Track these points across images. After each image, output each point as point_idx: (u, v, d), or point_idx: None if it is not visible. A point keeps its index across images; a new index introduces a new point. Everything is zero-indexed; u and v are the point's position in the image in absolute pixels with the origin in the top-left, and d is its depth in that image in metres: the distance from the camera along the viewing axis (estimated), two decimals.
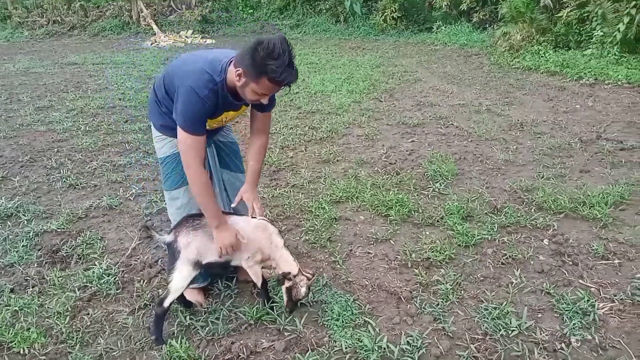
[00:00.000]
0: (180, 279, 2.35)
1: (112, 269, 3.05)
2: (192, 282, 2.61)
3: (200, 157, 2.29)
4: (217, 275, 2.88)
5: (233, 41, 14.24)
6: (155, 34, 14.91)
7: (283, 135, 5.64)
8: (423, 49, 11.84)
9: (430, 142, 5.35)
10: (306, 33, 15.32)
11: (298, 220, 3.69)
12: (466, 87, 7.77)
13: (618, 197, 3.75)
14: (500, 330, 2.44)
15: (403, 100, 7.18)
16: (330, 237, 3.42)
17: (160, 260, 3.15)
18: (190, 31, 15.32)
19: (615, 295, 2.68)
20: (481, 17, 12.53)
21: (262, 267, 2.58)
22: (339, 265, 3.08)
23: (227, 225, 2.37)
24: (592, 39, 8.61)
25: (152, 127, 2.62)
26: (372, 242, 3.36)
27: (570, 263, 3.01)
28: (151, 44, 13.89)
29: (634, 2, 7.78)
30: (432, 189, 4.12)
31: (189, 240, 2.37)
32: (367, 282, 2.90)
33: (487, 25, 12.38)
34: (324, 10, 16.09)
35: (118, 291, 2.86)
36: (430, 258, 3.11)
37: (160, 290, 2.83)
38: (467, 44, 11.82)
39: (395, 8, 14.41)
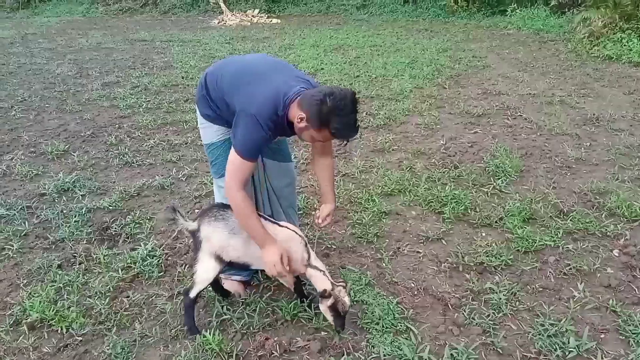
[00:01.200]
0: (204, 270, 2.29)
1: (156, 250, 3.06)
2: (232, 273, 2.57)
3: (245, 181, 2.23)
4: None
5: (299, 21, 14.14)
6: (222, 12, 15.06)
7: None
8: (495, 34, 11.23)
9: (494, 134, 5.04)
10: (372, 14, 14.95)
11: (346, 212, 3.57)
12: (539, 76, 7.27)
13: None
14: (556, 350, 2.21)
15: (469, 87, 6.82)
16: (377, 233, 3.27)
17: None
18: (257, 10, 15.37)
19: None
20: (560, 0, 11.71)
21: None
22: (384, 264, 2.93)
23: (272, 246, 2.23)
24: None
25: (198, 113, 2.55)
26: (422, 241, 3.18)
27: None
28: (218, 23, 14.06)
29: None
30: (492, 186, 3.86)
31: (211, 232, 2.29)
32: (413, 285, 2.74)
33: (566, 10, 11.55)
34: None
35: (160, 274, 2.86)
36: (484, 263, 2.90)
37: None
38: (543, 29, 11.08)
39: None
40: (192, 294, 2.32)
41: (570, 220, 3.29)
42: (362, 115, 5.65)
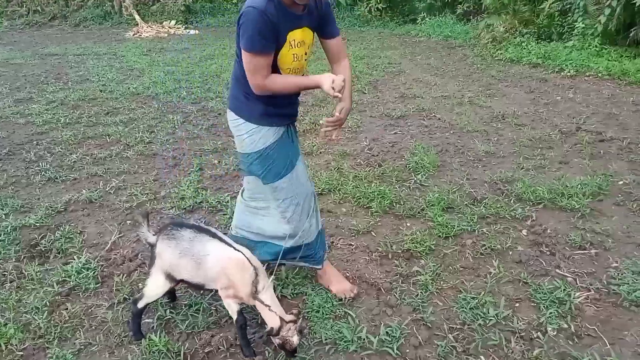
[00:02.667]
0: (155, 286, 2.30)
1: (91, 263, 3.03)
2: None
3: (268, 75, 2.20)
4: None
5: (217, 32, 14.09)
6: (137, 24, 14.70)
7: None
8: (407, 41, 11.83)
9: (413, 134, 5.38)
10: None
11: None
12: (449, 79, 7.80)
13: (596, 188, 3.81)
14: (478, 319, 2.47)
15: (387, 92, 7.19)
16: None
17: (140, 254, 3.13)
18: (173, 21, 15.14)
19: (592, 285, 2.73)
20: (465, 8, 12.56)
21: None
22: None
23: (324, 76, 2.19)
24: (573, 30, 8.67)
25: (233, 117, 2.43)
26: (353, 234, 3.38)
27: (548, 253, 3.06)
28: (134, 35, 13.70)
29: None
30: (413, 180, 4.15)
31: (163, 249, 2.27)
32: (348, 274, 2.92)
33: (471, 17, 12.42)
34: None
35: (97, 285, 2.84)
36: (410, 249, 3.13)
37: (140, 284, 2.82)
38: (451, 35, 11.83)
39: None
40: (140, 305, 2.33)
41: (484, 206, 3.62)
42: None
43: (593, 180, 3.91)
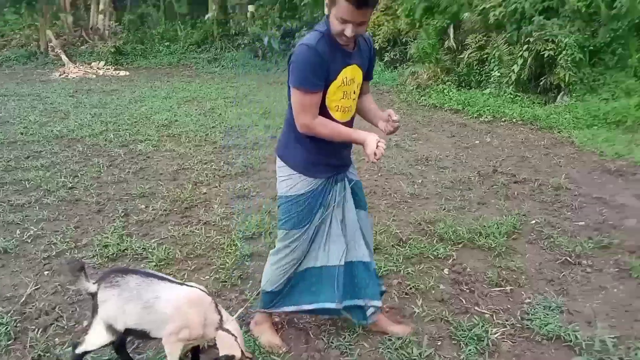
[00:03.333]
0: (95, 335, 2.22)
1: (4, 317, 2.84)
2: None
3: (315, 112, 2.22)
4: None
5: (149, 73, 13.96)
6: (64, 64, 14.29)
7: (196, 171, 5.58)
8: None
9: None
10: (224, 67, 15.32)
11: (209, 259, 3.65)
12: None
13: (511, 227, 4.06)
14: (402, 357, 2.54)
15: None
16: (241, 275, 3.41)
17: (57, 307, 2.98)
18: (102, 62, 14.85)
19: (507, 320, 2.88)
20: (392, 56, 13.23)
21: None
22: (249, 304, 3.07)
23: (362, 133, 2.25)
24: (490, 79, 9.35)
25: (280, 162, 2.49)
26: None
27: (468, 291, 3.21)
28: (60, 75, 13.28)
29: (526, 46, 8.58)
30: None
31: (107, 297, 2.19)
32: (277, 319, 2.91)
33: (398, 65, 13.08)
34: (243, 46, 16.24)
35: (10, 342, 2.66)
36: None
37: (56, 338, 2.68)
38: (380, 82, 12.36)
39: None
40: (78, 351, 2.24)
41: (408, 247, 3.76)
42: (220, 164, 5.82)
43: (508, 219, 4.18)
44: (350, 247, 2.56)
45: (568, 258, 3.58)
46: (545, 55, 8.17)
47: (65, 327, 2.83)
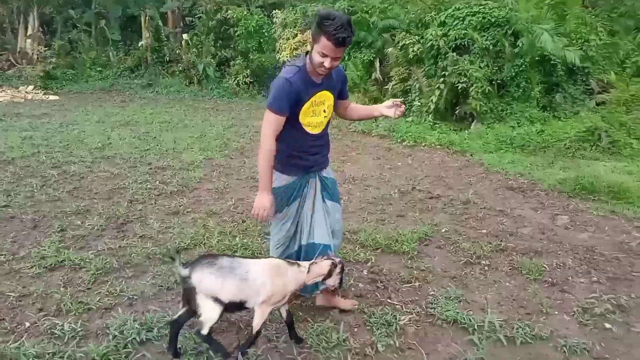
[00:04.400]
0: (210, 311, 2.54)
1: None
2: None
3: (276, 133, 2.78)
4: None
5: (80, 98, 13.79)
6: None
7: (132, 190, 5.74)
8: None
9: None
10: (159, 93, 15.39)
11: (146, 267, 3.86)
12: None
13: (423, 235, 4.57)
14: (322, 343, 2.89)
15: (253, 157, 7.70)
16: (176, 280, 3.64)
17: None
18: (31, 87, 14.51)
19: (414, 309, 3.31)
20: None
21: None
22: None
23: (267, 195, 2.85)
24: (412, 108, 10.12)
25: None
26: None
27: (382, 287, 3.63)
28: None
29: (442, 79, 9.43)
30: None
31: (203, 276, 2.53)
32: None
33: None
34: (177, 72, 16.40)
35: None
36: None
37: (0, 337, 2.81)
38: None
39: (247, 74, 15.31)
40: (204, 331, 2.55)
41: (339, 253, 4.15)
42: (155, 184, 6.01)
43: (421, 229, 4.68)
44: (314, 231, 3.09)
45: (469, 259, 4.10)
46: (459, 88, 9.03)
47: (8, 327, 2.98)
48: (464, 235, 4.64)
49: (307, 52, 2.82)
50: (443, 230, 4.75)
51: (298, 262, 2.88)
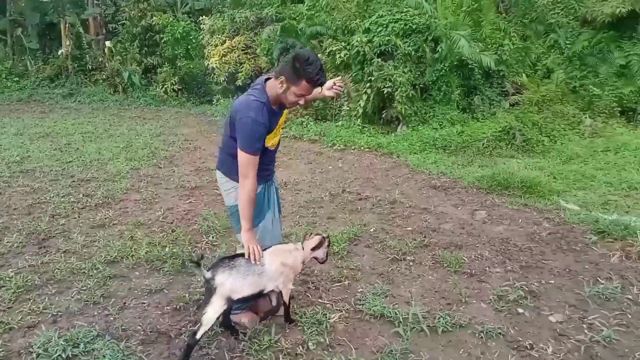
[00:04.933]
0: (213, 312, 2.72)
1: None
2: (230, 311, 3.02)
3: (255, 170, 2.80)
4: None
5: None
6: None
7: (54, 204, 5.51)
8: (203, 120, 12.54)
9: (206, 202, 5.84)
10: (81, 102, 14.77)
11: (70, 283, 3.74)
12: None
13: (353, 235, 4.71)
14: (254, 345, 2.94)
15: (182, 166, 7.61)
16: (103, 294, 3.57)
17: None
18: None
19: (343, 307, 3.43)
20: None
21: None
22: (112, 317, 3.26)
23: (253, 233, 2.92)
24: (342, 112, 10.35)
25: (223, 178, 3.07)
26: (146, 294, 3.62)
27: (314, 288, 3.73)
28: None
29: (369, 84, 9.72)
30: (205, 241, 4.57)
31: (225, 279, 2.75)
32: (140, 327, 3.15)
33: None
34: (101, 81, 15.82)
35: None
36: (200, 300, 3.50)
37: None
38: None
39: (175, 81, 15.03)
40: (199, 335, 2.69)
41: None
42: (79, 196, 5.79)
43: (351, 229, 4.83)
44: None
45: (396, 256, 4.28)
46: (385, 92, 9.34)
47: None
48: (391, 233, 4.83)
49: (265, 80, 2.89)
50: (371, 230, 4.92)
51: (291, 242, 3.30)
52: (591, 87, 10.17)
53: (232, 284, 2.78)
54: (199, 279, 3.81)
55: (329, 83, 3.20)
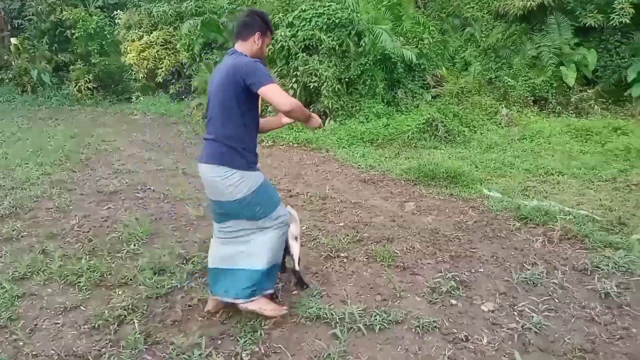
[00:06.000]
0: (296, 247, 3.37)
1: None
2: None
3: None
4: None
5: None
6: None
7: None
8: (122, 119, 11.91)
9: (127, 207, 5.49)
10: None
11: None
12: (164, 154, 8.19)
13: None
14: None
15: (99, 169, 7.14)
16: (11, 316, 3.22)
17: None
18: None
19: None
20: (177, 89, 13.38)
21: None
22: (21, 343, 2.94)
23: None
24: (269, 108, 10.13)
25: (227, 171, 2.94)
26: (60, 312, 3.31)
27: None
28: None
29: (294, 79, 9.60)
30: (126, 250, 4.27)
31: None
32: (53, 351, 2.86)
33: (183, 97, 13.27)
34: (7, 80, 14.62)
35: None
36: (122, 315, 3.24)
37: None
38: (166, 113, 12.40)
39: (89, 78, 14.18)
40: (298, 267, 3.43)
41: (192, 263, 3.98)
42: None
43: None
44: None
45: (329, 253, 4.21)
46: (312, 87, 9.27)
47: None
48: (324, 230, 4.76)
49: (232, 52, 3.07)
50: (304, 228, 4.81)
51: None
52: (506, 78, 10.63)
53: (292, 228, 3.34)
54: (120, 292, 3.55)
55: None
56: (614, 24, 9.99)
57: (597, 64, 10.65)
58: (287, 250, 3.36)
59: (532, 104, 10.31)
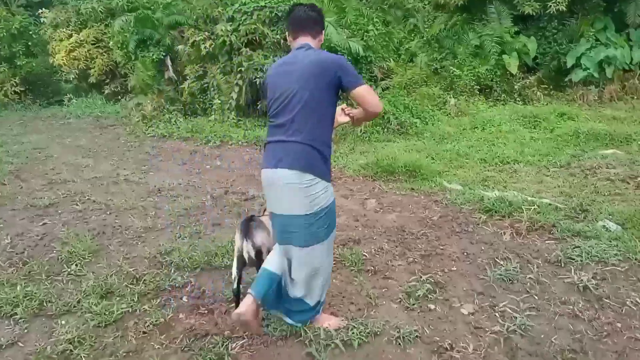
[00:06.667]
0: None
1: None
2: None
3: None
4: None
5: None
6: None
7: None
8: (54, 123, 11.11)
9: (65, 221, 4.99)
10: None
11: None
12: (103, 160, 7.63)
13: None
14: None
15: (32, 180, 6.52)
16: None
17: None
18: None
19: (246, 333, 2.98)
20: (113, 89, 12.64)
21: None
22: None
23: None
24: (213, 106, 9.74)
25: (312, 179, 2.63)
26: None
27: (207, 313, 3.24)
28: None
29: (239, 75, 9.23)
30: (67, 272, 3.82)
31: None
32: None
33: (120, 97, 12.55)
34: None
35: None
36: (67, 350, 2.85)
37: None
38: (102, 115, 11.68)
39: (16, 82, 13.15)
40: None
41: (143, 283, 3.60)
42: None
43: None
44: None
45: None
46: (257, 83, 8.92)
47: None
48: None
49: (307, 48, 2.76)
50: None
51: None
52: (451, 68, 10.68)
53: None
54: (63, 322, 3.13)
55: (338, 109, 2.93)
56: (551, 12, 10.22)
57: (537, 51, 10.90)
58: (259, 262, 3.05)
59: (478, 92, 10.41)
